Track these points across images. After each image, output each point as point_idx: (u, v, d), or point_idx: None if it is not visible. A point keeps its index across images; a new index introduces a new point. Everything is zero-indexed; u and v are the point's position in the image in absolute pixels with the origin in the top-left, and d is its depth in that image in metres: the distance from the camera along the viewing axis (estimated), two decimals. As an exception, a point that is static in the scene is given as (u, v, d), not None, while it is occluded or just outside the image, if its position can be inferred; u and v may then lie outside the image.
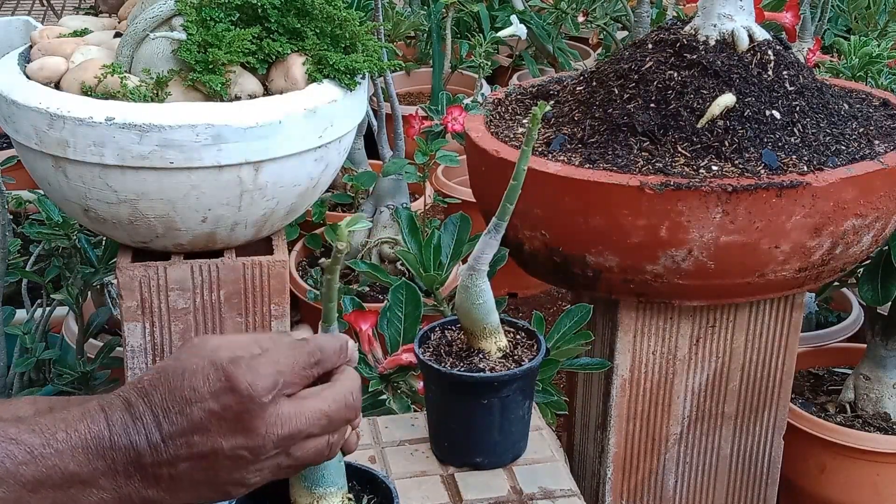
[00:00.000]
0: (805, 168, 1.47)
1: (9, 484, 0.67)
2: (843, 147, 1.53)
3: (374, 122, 2.36)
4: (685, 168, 1.46)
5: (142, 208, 1.37)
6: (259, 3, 1.40)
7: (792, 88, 1.57)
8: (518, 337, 1.14)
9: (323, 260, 2.37)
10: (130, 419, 0.71)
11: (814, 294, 2.24)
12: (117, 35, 1.52)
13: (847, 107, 1.65)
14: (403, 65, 3.06)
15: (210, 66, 1.37)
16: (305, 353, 0.75)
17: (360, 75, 1.47)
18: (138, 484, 0.71)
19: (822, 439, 1.91)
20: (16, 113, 1.37)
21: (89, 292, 2.03)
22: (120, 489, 0.70)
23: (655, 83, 1.55)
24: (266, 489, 0.83)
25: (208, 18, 1.40)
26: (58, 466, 0.69)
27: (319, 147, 1.43)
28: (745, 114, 1.51)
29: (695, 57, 1.56)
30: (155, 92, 1.37)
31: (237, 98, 1.39)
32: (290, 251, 2.33)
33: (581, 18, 3.31)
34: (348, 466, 0.85)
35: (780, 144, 1.50)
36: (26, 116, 1.36)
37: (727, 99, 1.51)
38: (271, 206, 1.43)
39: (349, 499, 0.83)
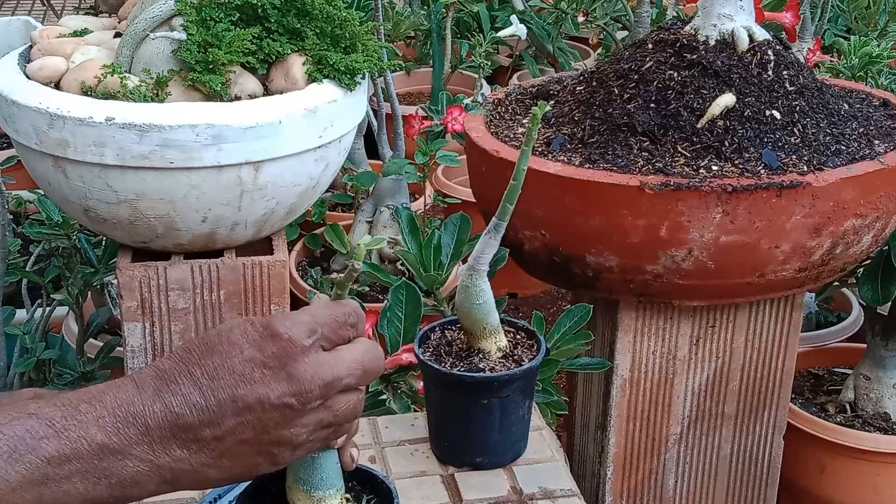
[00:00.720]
0: (805, 168, 1.47)
1: (29, 460, 0.63)
2: (843, 147, 1.53)
3: (374, 122, 2.36)
4: (685, 168, 1.46)
5: (142, 208, 1.37)
6: (259, 3, 1.40)
7: (792, 88, 1.57)
8: (518, 337, 1.14)
9: (335, 274, 2.37)
10: (164, 382, 0.67)
11: (814, 294, 2.24)
12: (117, 35, 1.52)
13: (847, 107, 1.65)
14: (403, 65, 3.07)
15: (210, 66, 1.37)
16: (343, 312, 0.74)
17: (360, 75, 1.48)
18: (178, 451, 0.67)
19: (822, 439, 1.91)
20: (16, 113, 1.37)
21: (89, 292, 2.03)
22: (157, 458, 0.66)
23: (655, 83, 1.55)
24: (264, 494, 0.83)
25: (208, 18, 1.40)
26: (83, 438, 0.64)
27: (319, 147, 1.43)
28: (745, 114, 1.51)
29: (695, 57, 1.56)
30: (155, 92, 1.37)
31: (237, 98, 1.39)
32: (290, 251, 2.33)
33: (581, 18, 3.31)
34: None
35: (780, 144, 1.50)
36: (26, 116, 1.36)
37: (727, 99, 1.51)
38: (271, 206, 1.43)
39: (347, 499, 0.83)
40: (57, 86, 1.41)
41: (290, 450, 0.71)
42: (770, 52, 1.58)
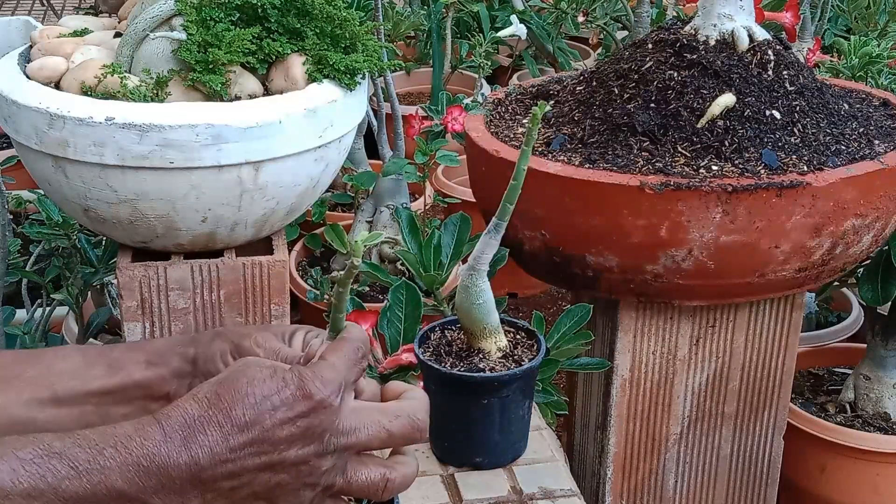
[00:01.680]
0: (805, 168, 1.47)
1: (48, 498, 0.64)
2: (843, 147, 1.53)
3: (374, 122, 2.36)
4: (685, 168, 1.46)
5: (142, 208, 1.37)
6: (259, 3, 1.40)
7: (792, 88, 1.57)
8: (518, 337, 1.14)
9: (335, 273, 2.37)
10: (192, 432, 0.67)
11: (814, 294, 2.24)
12: (117, 35, 1.52)
13: (847, 107, 1.65)
14: (403, 65, 3.06)
15: (210, 66, 1.37)
16: (353, 349, 0.74)
17: (360, 75, 1.47)
18: (194, 500, 0.67)
19: (822, 439, 1.91)
20: (16, 113, 1.37)
21: (89, 292, 2.03)
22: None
23: (655, 83, 1.55)
24: None
25: (208, 18, 1.40)
26: (103, 483, 0.65)
27: (319, 147, 1.43)
28: (745, 114, 1.51)
29: (695, 57, 1.56)
30: (155, 92, 1.37)
31: (237, 98, 1.39)
32: (290, 251, 2.33)
33: (581, 18, 3.31)
34: None
35: (780, 144, 1.50)
36: (26, 116, 1.36)
37: (727, 99, 1.51)
38: (271, 206, 1.43)
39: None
40: (57, 86, 1.41)
41: None
42: (770, 52, 1.58)
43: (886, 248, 1.73)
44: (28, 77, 1.41)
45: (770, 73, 1.56)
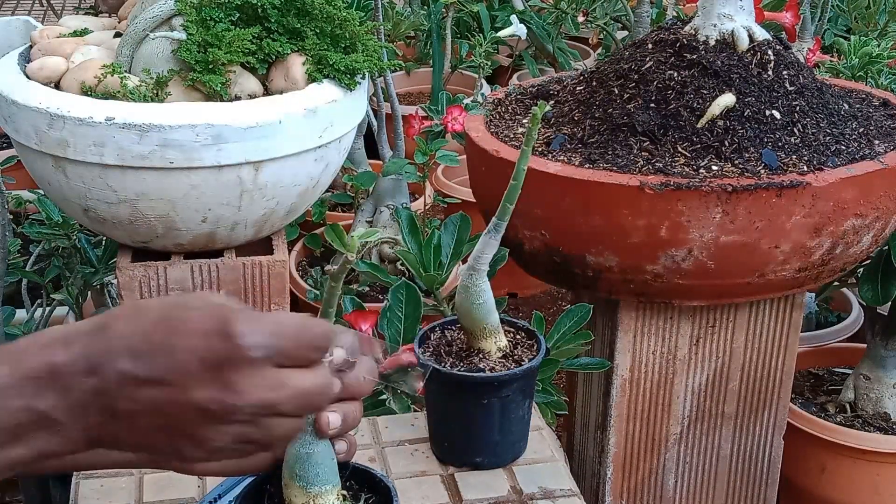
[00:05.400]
0: (805, 168, 1.47)
1: None
2: (843, 147, 1.53)
3: (374, 122, 2.37)
4: (685, 168, 1.46)
5: (142, 208, 1.37)
6: (259, 3, 1.40)
7: (792, 88, 1.57)
8: (518, 337, 1.14)
9: (329, 266, 2.37)
10: (98, 338, 0.64)
11: (814, 294, 2.24)
12: (117, 35, 1.52)
13: (847, 107, 1.65)
14: (403, 65, 3.07)
15: (210, 66, 1.37)
16: (313, 334, 0.68)
17: (360, 75, 1.48)
18: (95, 416, 0.64)
19: (822, 439, 1.91)
20: (16, 113, 1.37)
21: (89, 292, 2.03)
22: (74, 421, 0.64)
23: (655, 83, 1.55)
24: (260, 491, 0.84)
25: (208, 18, 1.40)
26: (4, 407, 0.62)
27: (319, 147, 1.43)
28: (745, 114, 1.51)
29: (695, 57, 1.56)
30: (155, 92, 1.37)
31: (237, 98, 1.39)
32: (290, 251, 2.33)
33: (581, 18, 3.31)
34: (347, 466, 0.85)
35: (780, 144, 1.50)
36: (26, 116, 1.36)
37: (727, 99, 1.51)
38: (271, 205, 1.43)
39: (344, 496, 0.83)
40: (57, 86, 1.41)
41: (202, 451, 0.67)
42: (770, 52, 1.58)
43: (886, 248, 1.73)
44: (28, 77, 1.41)
45: (770, 73, 1.56)
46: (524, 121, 1.73)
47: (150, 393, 0.63)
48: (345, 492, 0.84)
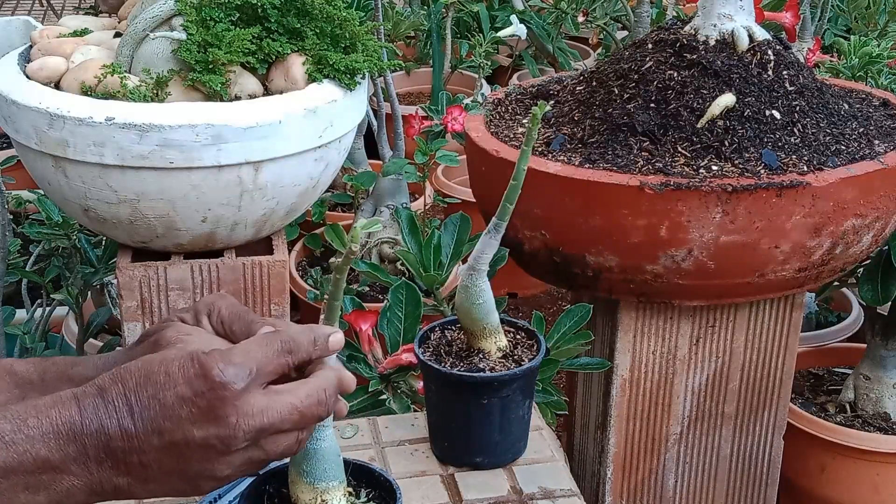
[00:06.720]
0: (805, 168, 1.47)
1: None
2: (843, 147, 1.53)
3: (374, 122, 2.37)
4: (685, 168, 1.46)
5: (142, 208, 1.37)
6: (259, 3, 1.40)
7: (792, 88, 1.57)
8: (518, 337, 1.14)
9: (333, 259, 2.37)
10: (102, 403, 0.71)
11: (814, 294, 2.24)
12: (117, 35, 1.52)
13: (847, 107, 1.65)
14: (403, 65, 3.06)
15: (210, 66, 1.37)
16: (277, 342, 0.75)
17: (360, 75, 1.47)
18: (109, 471, 0.71)
19: (822, 439, 1.91)
20: (16, 113, 1.37)
21: (89, 292, 2.03)
22: (91, 475, 0.70)
23: (655, 83, 1.55)
24: (267, 485, 0.84)
25: (208, 18, 1.40)
26: (29, 452, 0.69)
27: (319, 147, 1.43)
28: (745, 114, 1.51)
29: (695, 57, 1.56)
30: (155, 92, 1.37)
31: (237, 98, 1.39)
32: (290, 251, 2.33)
33: (581, 18, 3.31)
34: (349, 463, 0.85)
35: (780, 144, 1.50)
36: (26, 116, 1.36)
37: (727, 99, 1.51)
38: (271, 205, 1.43)
39: (350, 492, 0.84)
40: (57, 86, 1.41)
41: (214, 481, 0.74)
42: (770, 52, 1.58)
43: (886, 248, 1.73)
44: (28, 77, 1.41)
45: (770, 73, 1.56)
46: (524, 121, 1.73)
47: (153, 442, 0.71)
48: (350, 488, 0.84)
